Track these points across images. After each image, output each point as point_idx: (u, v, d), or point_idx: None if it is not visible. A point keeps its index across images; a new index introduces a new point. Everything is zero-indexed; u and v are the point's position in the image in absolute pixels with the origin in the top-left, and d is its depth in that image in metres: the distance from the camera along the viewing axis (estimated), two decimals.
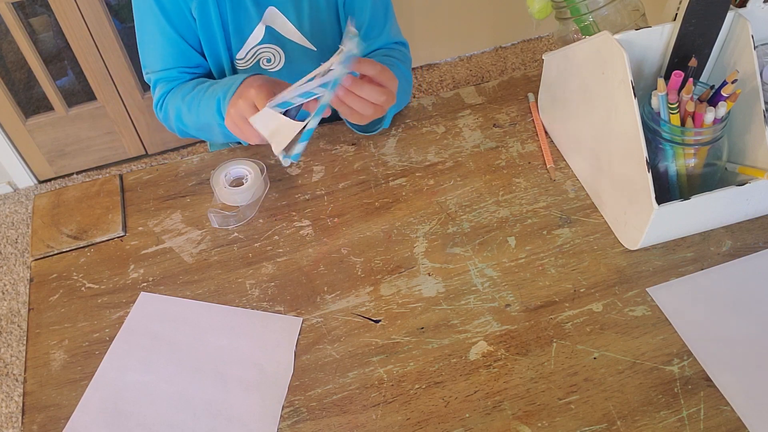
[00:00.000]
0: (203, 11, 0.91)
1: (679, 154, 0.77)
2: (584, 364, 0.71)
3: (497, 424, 0.67)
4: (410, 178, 0.91)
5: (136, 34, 0.95)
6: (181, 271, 0.82)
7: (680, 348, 0.72)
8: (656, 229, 0.76)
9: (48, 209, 0.90)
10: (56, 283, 0.82)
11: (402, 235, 0.84)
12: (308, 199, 0.89)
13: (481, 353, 0.73)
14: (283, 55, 0.98)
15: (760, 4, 0.77)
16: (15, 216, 1.92)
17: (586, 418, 0.67)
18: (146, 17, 0.92)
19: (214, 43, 0.95)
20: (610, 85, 0.76)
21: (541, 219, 0.85)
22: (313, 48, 0.99)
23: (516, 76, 1.05)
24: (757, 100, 0.75)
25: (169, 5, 0.90)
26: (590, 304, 0.76)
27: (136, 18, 0.93)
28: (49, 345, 0.76)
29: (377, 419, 0.68)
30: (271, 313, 0.77)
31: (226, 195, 0.87)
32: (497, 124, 0.98)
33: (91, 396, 0.71)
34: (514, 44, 2.33)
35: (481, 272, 0.80)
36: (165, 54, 0.94)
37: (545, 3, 0.87)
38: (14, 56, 1.94)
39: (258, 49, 0.96)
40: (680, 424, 0.66)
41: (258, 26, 0.93)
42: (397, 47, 1.04)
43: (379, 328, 0.75)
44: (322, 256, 0.82)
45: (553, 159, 0.92)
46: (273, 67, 0.99)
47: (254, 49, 0.96)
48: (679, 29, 0.76)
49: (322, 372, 0.72)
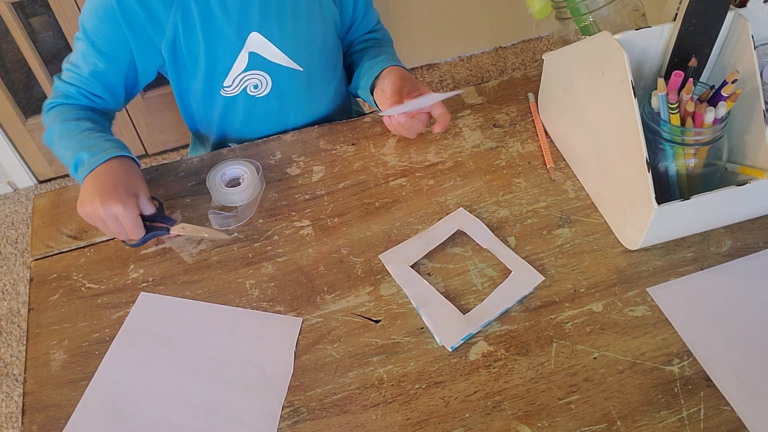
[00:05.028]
0: (189, 44, 0.90)
1: (679, 154, 0.77)
2: (584, 364, 0.71)
3: (497, 424, 0.67)
4: (410, 178, 0.91)
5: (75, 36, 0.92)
6: (181, 271, 0.82)
7: (680, 348, 0.72)
8: (656, 229, 0.76)
9: (48, 209, 0.90)
10: (56, 283, 0.82)
11: (402, 235, 0.84)
12: (308, 199, 0.89)
13: (481, 353, 0.73)
14: (269, 80, 0.97)
15: (760, 4, 0.77)
16: (15, 216, 1.92)
17: (586, 418, 0.67)
18: (83, 31, 0.90)
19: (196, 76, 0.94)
20: (610, 85, 0.76)
21: (541, 219, 0.85)
22: (300, 68, 0.98)
23: (516, 76, 1.05)
24: (757, 100, 0.75)
25: (105, 37, 0.88)
26: (590, 304, 0.76)
27: (80, 23, 0.90)
28: (49, 345, 0.76)
29: (377, 419, 0.68)
30: (271, 313, 0.77)
31: (224, 195, 0.87)
32: (497, 124, 0.98)
33: (91, 396, 0.71)
34: (514, 44, 2.33)
35: (481, 272, 0.80)
36: (78, 70, 0.91)
37: (545, 3, 0.87)
38: (14, 56, 1.94)
39: (244, 77, 0.95)
40: (680, 424, 0.66)
41: (241, 53, 0.92)
42: (379, 28, 1.11)
43: (379, 328, 0.75)
44: (322, 256, 0.82)
45: (553, 159, 0.92)
46: (260, 93, 0.98)
47: (240, 76, 0.95)
48: (679, 29, 0.76)
49: (322, 372, 0.72)
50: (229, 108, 0.98)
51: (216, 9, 0.87)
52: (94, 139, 0.85)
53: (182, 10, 0.87)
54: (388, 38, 1.11)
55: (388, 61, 0.98)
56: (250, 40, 0.91)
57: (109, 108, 0.96)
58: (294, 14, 0.93)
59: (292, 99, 1.00)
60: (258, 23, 0.90)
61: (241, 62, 0.93)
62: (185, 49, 0.90)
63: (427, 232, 0.83)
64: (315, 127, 0.99)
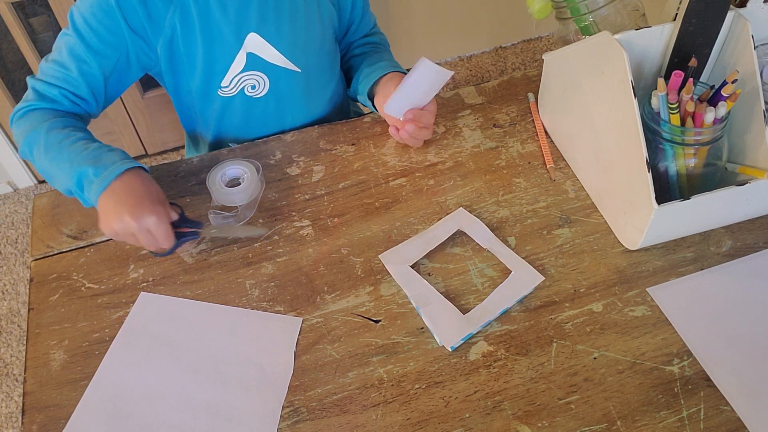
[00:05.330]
0: (187, 44, 0.89)
1: (679, 154, 0.77)
2: (584, 364, 0.71)
3: (497, 424, 0.67)
4: (410, 178, 0.91)
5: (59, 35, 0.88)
6: (181, 271, 0.82)
7: (680, 348, 0.72)
8: (656, 229, 0.76)
9: (48, 209, 0.90)
10: (56, 283, 0.82)
11: (402, 235, 0.84)
12: (308, 199, 0.89)
13: (481, 353, 0.73)
14: (267, 81, 0.96)
15: (760, 4, 0.77)
16: (15, 216, 1.92)
17: (586, 418, 0.67)
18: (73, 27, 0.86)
19: (193, 76, 0.93)
20: (610, 85, 0.76)
21: (541, 219, 0.85)
22: (297, 69, 0.97)
23: (516, 76, 1.05)
24: (757, 100, 0.75)
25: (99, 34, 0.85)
26: (590, 304, 0.76)
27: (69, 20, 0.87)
28: (49, 345, 0.76)
29: (377, 419, 0.68)
30: (271, 313, 0.77)
31: (224, 195, 0.87)
32: (497, 124, 0.98)
33: (91, 396, 0.71)
34: (514, 44, 2.33)
35: (481, 272, 0.80)
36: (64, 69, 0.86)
37: (545, 3, 0.87)
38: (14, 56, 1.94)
39: (241, 77, 0.95)
40: (680, 424, 0.66)
41: (239, 54, 0.92)
42: (376, 32, 1.11)
43: (379, 328, 0.75)
44: (322, 256, 0.82)
45: (553, 159, 0.92)
46: (258, 94, 0.97)
47: (237, 77, 0.94)
48: (679, 29, 0.76)
49: (322, 372, 0.72)
50: (227, 108, 0.98)
51: (215, 9, 0.87)
52: (94, 151, 0.81)
53: (181, 10, 0.87)
54: (386, 43, 1.12)
55: (388, 67, 0.98)
56: (248, 41, 0.91)
57: (91, 112, 0.91)
58: (292, 15, 0.93)
59: (289, 100, 1.00)
60: (256, 24, 0.90)
61: (239, 63, 0.92)
62: (183, 49, 0.90)
63: (427, 232, 0.83)
64: (315, 127, 0.99)
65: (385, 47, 1.10)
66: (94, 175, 0.78)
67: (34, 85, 0.87)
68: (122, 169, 0.78)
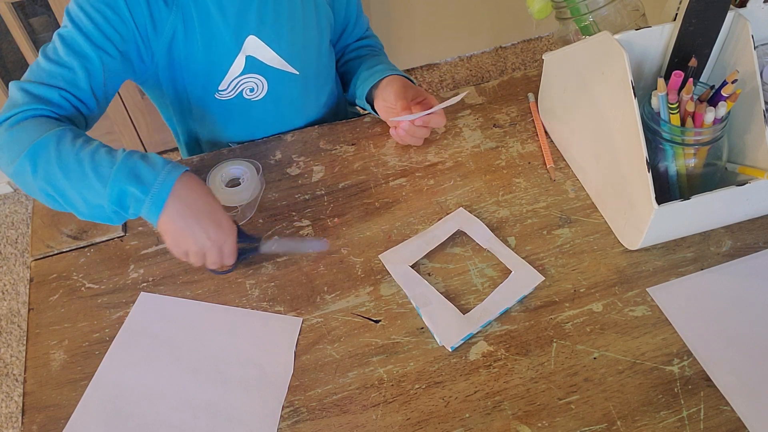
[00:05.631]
0: (187, 46, 0.88)
1: (679, 154, 0.77)
2: (584, 364, 0.71)
3: (497, 424, 0.67)
4: (410, 178, 0.91)
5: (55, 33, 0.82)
6: (181, 271, 0.82)
7: (680, 348, 0.72)
8: (656, 229, 0.76)
9: (48, 209, 0.90)
10: (56, 283, 0.82)
11: (402, 235, 0.84)
12: (308, 199, 0.89)
13: (481, 353, 0.73)
14: (265, 84, 0.96)
15: (760, 4, 0.77)
16: (15, 216, 1.92)
17: (586, 418, 0.67)
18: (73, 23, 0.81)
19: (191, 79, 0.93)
20: (610, 85, 0.76)
21: (541, 219, 0.85)
22: (296, 72, 0.97)
23: (516, 76, 1.05)
24: (757, 100, 0.75)
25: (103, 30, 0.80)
26: (590, 304, 0.76)
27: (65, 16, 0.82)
28: (49, 345, 0.76)
29: (377, 419, 0.68)
30: (271, 313, 0.77)
31: (224, 195, 0.87)
32: (497, 124, 0.98)
33: (91, 396, 0.71)
34: (514, 44, 2.33)
35: (481, 272, 0.80)
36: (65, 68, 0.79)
37: (545, 3, 0.87)
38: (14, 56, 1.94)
39: (240, 80, 0.94)
40: (680, 424, 0.66)
41: (238, 57, 0.91)
42: (370, 35, 1.11)
43: (379, 328, 0.75)
44: (322, 256, 0.82)
45: (553, 159, 0.92)
46: (256, 96, 0.97)
47: (236, 80, 0.94)
48: (679, 29, 0.76)
49: (322, 372, 0.72)
50: (225, 112, 0.98)
51: (214, 12, 0.87)
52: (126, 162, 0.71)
53: (182, 12, 0.86)
54: (381, 45, 1.12)
55: (386, 70, 0.98)
56: (247, 44, 0.91)
57: (92, 116, 0.85)
58: (290, 18, 0.93)
59: (287, 103, 1.00)
60: (255, 27, 0.90)
61: (237, 65, 0.92)
62: (182, 52, 0.90)
63: (427, 232, 0.83)
64: (315, 127, 0.99)
65: (380, 50, 1.11)
66: (142, 193, 0.70)
67: (25, 88, 0.77)
68: (171, 182, 0.70)
